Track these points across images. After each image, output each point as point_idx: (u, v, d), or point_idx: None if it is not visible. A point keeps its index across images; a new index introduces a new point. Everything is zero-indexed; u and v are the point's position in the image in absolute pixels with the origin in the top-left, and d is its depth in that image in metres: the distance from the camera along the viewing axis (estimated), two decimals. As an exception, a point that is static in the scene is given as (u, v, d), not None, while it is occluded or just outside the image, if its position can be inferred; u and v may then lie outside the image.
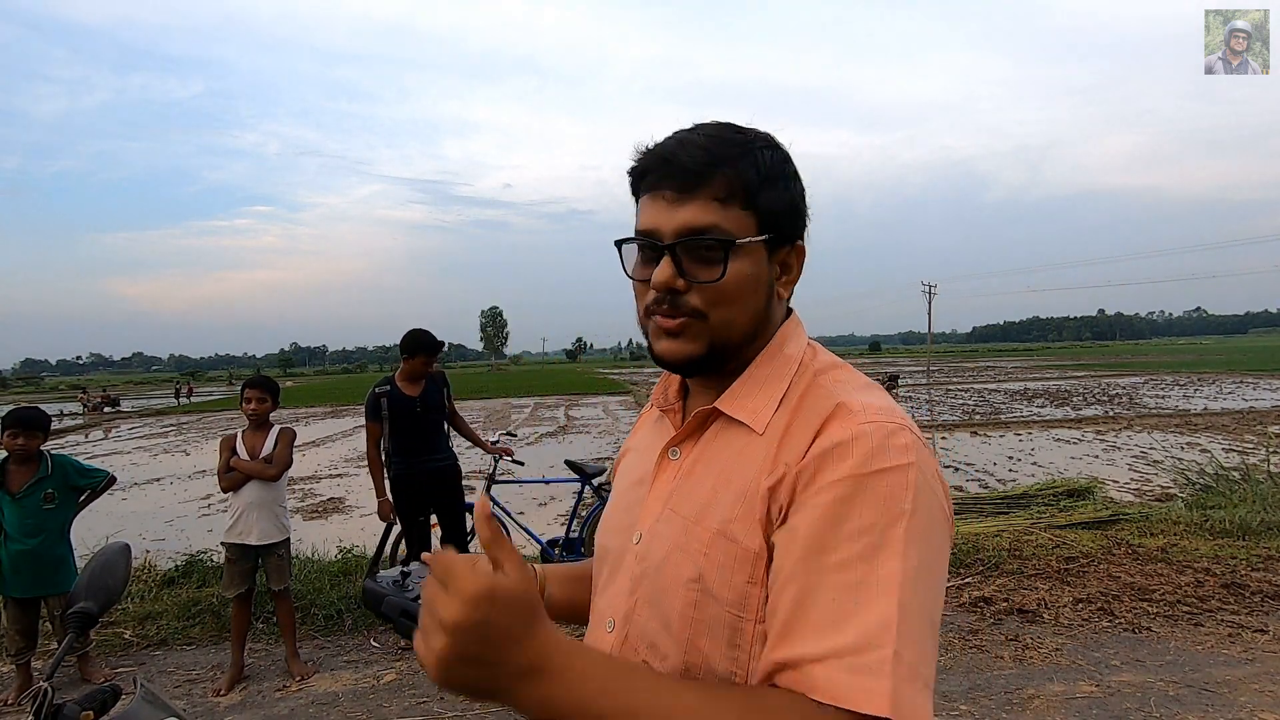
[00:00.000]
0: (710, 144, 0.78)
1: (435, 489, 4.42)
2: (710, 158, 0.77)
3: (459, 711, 3.43)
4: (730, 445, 0.80)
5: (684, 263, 0.78)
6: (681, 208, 0.77)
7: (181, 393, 51.85)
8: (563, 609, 1.00)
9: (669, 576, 0.78)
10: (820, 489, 0.69)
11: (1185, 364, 45.16)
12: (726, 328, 0.79)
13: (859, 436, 0.71)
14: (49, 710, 1.00)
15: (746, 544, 0.73)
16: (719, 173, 0.77)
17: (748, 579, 0.73)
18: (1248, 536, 5.41)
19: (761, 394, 0.81)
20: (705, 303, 0.78)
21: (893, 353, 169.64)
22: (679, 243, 0.77)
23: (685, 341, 0.80)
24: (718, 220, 0.77)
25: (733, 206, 0.77)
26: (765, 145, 0.80)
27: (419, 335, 4.35)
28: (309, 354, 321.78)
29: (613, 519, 0.92)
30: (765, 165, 0.78)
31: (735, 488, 0.76)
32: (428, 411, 4.38)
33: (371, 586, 0.87)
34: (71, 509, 3.86)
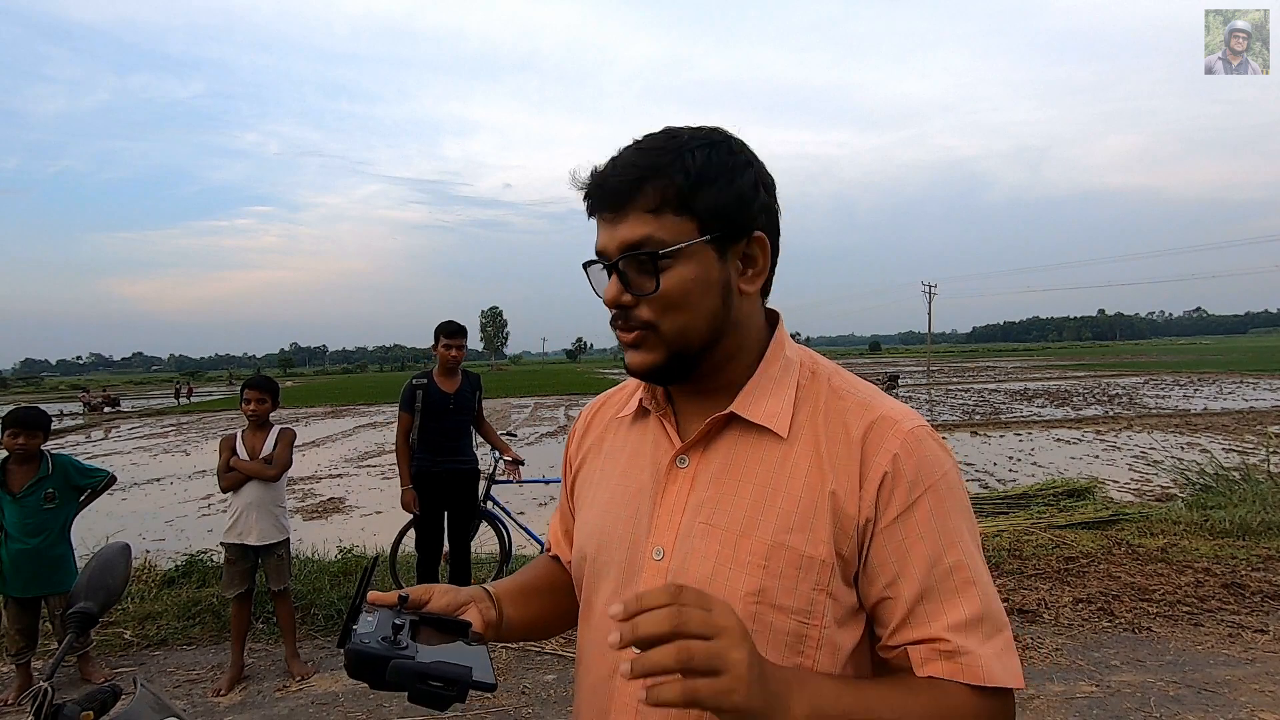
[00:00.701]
0: (638, 158, 0.79)
1: (453, 490, 4.44)
2: (637, 172, 0.78)
3: (459, 711, 3.43)
4: (762, 455, 0.81)
5: (629, 278, 0.80)
6: (618, 226, 0.80)
7: (181, 393, 51.86)
8: (520, 630, 0.95)
9: (719, 592, 0.77)
10: (914, 501, 0.77)
11: (1185, 364, 45.16)
12: (681, 334, 0.80)
13: (912, 446, 0.79)
14: (49, 710, 1.00)
15: (811, 553, 0.77)
16: (646, 185, 0.78)
17: (813, 586, 0.77)
18: (1248, 536, 5.41)
19: (775, 398, 0.83)
20: (654, 313, 0.80)
21: (893, 353, 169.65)
22: (618, 260, 0.80)
23: (645, 352, 0.82)
24: (650, 231, 0.78)
25: (665, 214, 0.78)
26: (701, 145, 0.79)
27: (441, 323, 4.45)
28: (309, 354, 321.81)
29: (609, 529, 0.89)
30: (696, 167, 0.78)
31: (785, 499, 0.79)
32: (459, 410, 4.40)
33: (362, 650, 0.72)
34: (72, 509, 3.86)
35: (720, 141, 0.81)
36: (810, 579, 0.76)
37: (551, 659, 3.96)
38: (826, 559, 0.76)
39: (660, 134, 0.82)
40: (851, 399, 0.82)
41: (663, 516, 0.84)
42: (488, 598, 0.91)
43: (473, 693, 0.75)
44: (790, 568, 0.76)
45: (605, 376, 55.74)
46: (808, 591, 0.76)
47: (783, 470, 0.80)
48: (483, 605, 0.89)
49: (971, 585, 0.76)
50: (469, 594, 0.89)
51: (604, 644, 0.85)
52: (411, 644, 0.75)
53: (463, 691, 0.73)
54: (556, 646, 4.10)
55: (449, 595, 0.87)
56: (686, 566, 0.80)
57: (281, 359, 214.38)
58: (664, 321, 0.80)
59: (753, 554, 0.77)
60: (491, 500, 5.32)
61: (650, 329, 0.81)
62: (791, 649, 0.76)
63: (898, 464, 0.77)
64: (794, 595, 0.76)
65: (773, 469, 0.80)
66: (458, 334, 4.43)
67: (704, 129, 0.82)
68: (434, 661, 0.73)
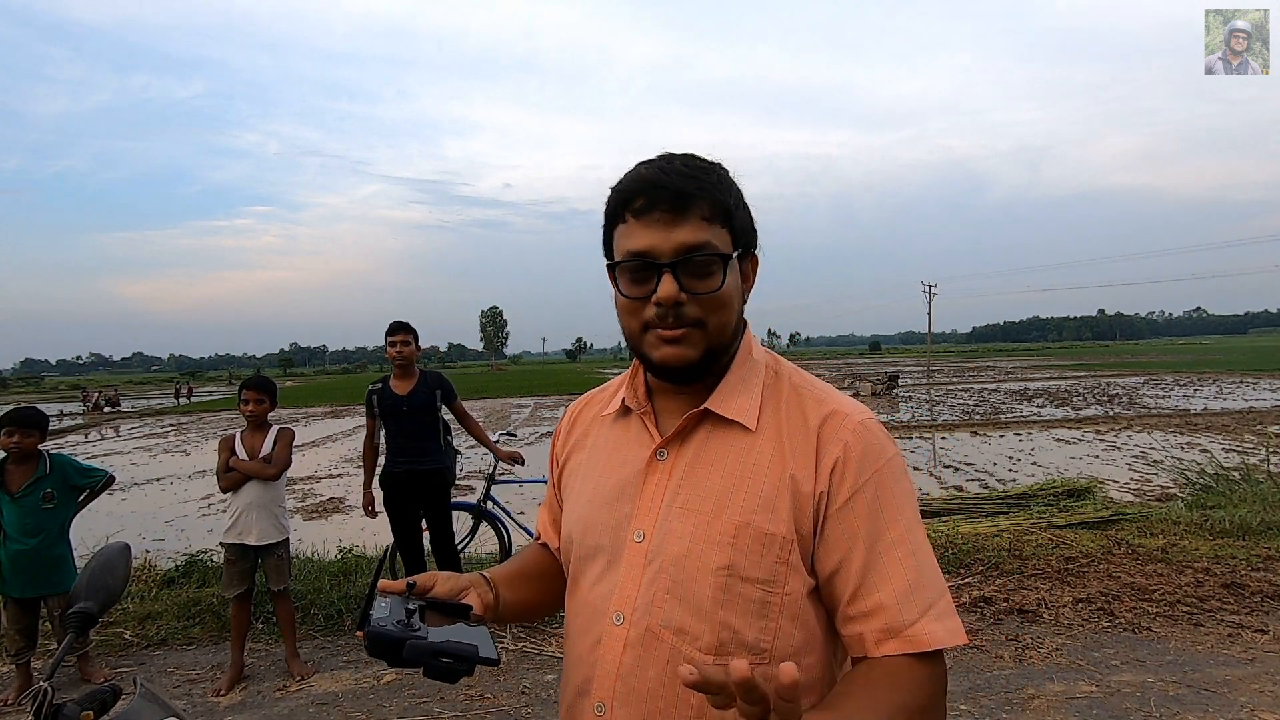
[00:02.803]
0: (692, 170, 0.88)
1: (419, 492, 4.43)
2: (696, 183, 0.88)
3: (458, 711, 3.43)
4: (731, 445, 0.91)
5: (682, 278, 0.87)
6: (676, 229, 0.87)
7: (181, 393, 51.86)
8: (517, 611, 1.04)
9: (694, 567, 0.88)
10: (862, 486, 0.87)
11: (1185, 364, 45.16)
12: (720, 332, 0.91)
13: (861, 435, 0.89)
14: (49, 710, 1.00)
15: (773, 530, 0.87)
16: (704, 196, 0.88)
17: (775, 560, 0.87)
18: (1248, 536, 5.40)
19: (745, 395, 0.93)
20: (703, 311, 0.89)
21: (893, 353, 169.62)
22: (680, 260, 0.87)
23: (686, 347, 0.89)
24: (708, 238, 0.88)
25: (716, 225, 0.89)
26: (721, 171, 0.92)
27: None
28: (309, 354, 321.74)
29: (594, 516, 0.98)
30: (734, 191, 0.92)
31: (751, 483, 0.89)
32: (415, 412, 4.39)
33: (380, 632, 0.80)
34: (71, 509, 3.86)
35: (726, 171, 0.93)
36: (773, 553, 0.86)
37: (551, 659, 3.96)
38: (787, 536, 0.87)
39: (693, 156, 0.91)
40: (809, 395, 0.94)
41: (643, 504, 0.93)
42: (485, 583, 1.00)
43: (474, 693, 0.79)
44: (756, 544, 0.87)
45: (605, 376, 55.70)
46: (771, 564, 0.86)
47: (749, 458, 0.90)
48: (481, 590, 0.98)
49: (911, 557, 0.86)
50: (468, 580, 0.98)
51: (589, 619, 0.95)
52: (423, 626, 0.83)
53: (471, 666, 0.82)
54: (557, 648, 4.11)
55: (451, 581, 0.96)
56: (664, 546, 0.90)
57: (281, 359, 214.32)
58: (711, 320, 0.89)
59: (723, 533, 0.87)
60: (491, 500, 5.31)
61: (698, 326, 0.89)
62: (758, 614, 0.87)
63: (848, 451, 0.88)
64: (759, 568, 0.86)
65: (741, 457, 0.90)
66: (398, 330, 4.41)
67: (710, 160, 0.93)
68: (445, 641, 0.81)
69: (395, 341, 4.40)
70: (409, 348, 4.43)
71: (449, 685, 3.69)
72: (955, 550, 5.18)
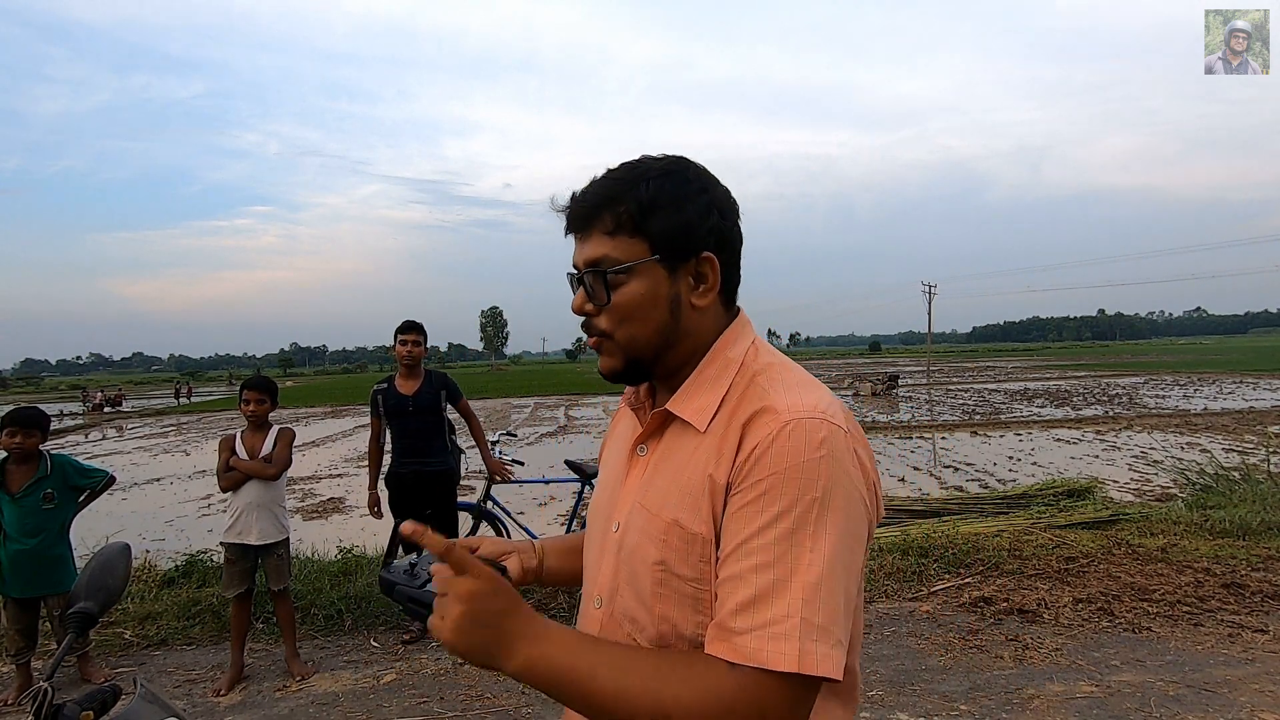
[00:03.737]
0: (602, 186, 0.91)
1: (425, 492, 4.42)
2: (598, 199, 0.91)
3: (459, 711, 3.43)
4: (685, 445, 0.91)
5: (590, 291, 0.92)
6: (584, 245, 0.92)
7: (181, 393, 51.85)
8: (560, 577, 1.15)
9: (639, 560, 0.90)
10: (749, 486, 0.82)
11: (1185, 364, 45.17)
12: (632, 342, 0.92)
13: (778, 436, 0.82)
14: (49, 710, 1.00)
15: (695, 530, 0.86)
16: (605, 210, 0.90)
17: (700, 558, 0.85)
18: (1248, 536, 5.40)
19: (704, 396, 0.92)
20: (610, 323, 0.92)
21: (893, 353, 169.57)
22: (582, 274, 0.92)
23: (606, 357, 0.95)
24: (607, 251, 0.90)
25: (620, 236, 0.90)
26: (656, 175, 0.91)
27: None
28: (309, 354, 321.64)
29: (598, 506, 1.04)
30: (649, 195, 0.89)
31: (683, 482, 0.88)
32: (420, 412, 4.38)
33: (385, 576, 0.96)
34: (71, 509, 3.86)
35: (676, 171, 0.92)
36: (697, 553, 0.85)
37: (551, 659, 3.96)
38: (708, 536, 0.85)
39: (626, 164, 0.93)
40: (757, 391, 0.88)
41: (623, 496, 0.97)
42: (533, 549, 1.12)
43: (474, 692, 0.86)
44: (682, 543, 0.86)
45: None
46: (696, 563, 0.85)
47: (693, 458, 0.89)
48: (525, 555, 1.10)
49: (767, 570, 0.78)
50: (515, 545, 1.11)
51: (585, 598, 1.00)
52: (424, 575, 0.93)
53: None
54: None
55: (496, 545, 1.09)
56: (625, 538, 0.93)
57: (281, 359, 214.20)
58: (618, 331, 0.92)
59: (658, 530, 0.88)
60: (491, 500, 5.32)
61: (607, 337, 0.93)
62: (694, 609, 0.86)
63: (757, 450, 0.82)
64: (687, 565, 0.86)
65: (687, 457, 0.90)
66: (409, 330, 4.41)
67: (666, 159, 0.93)
68: (424, 591, 0.91)
69: (407, 341, 4.40)
70: (419, 348, 4.43)
71: (449, 685, 3.69)
72: (955, 550, 5.18)
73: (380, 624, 4.57)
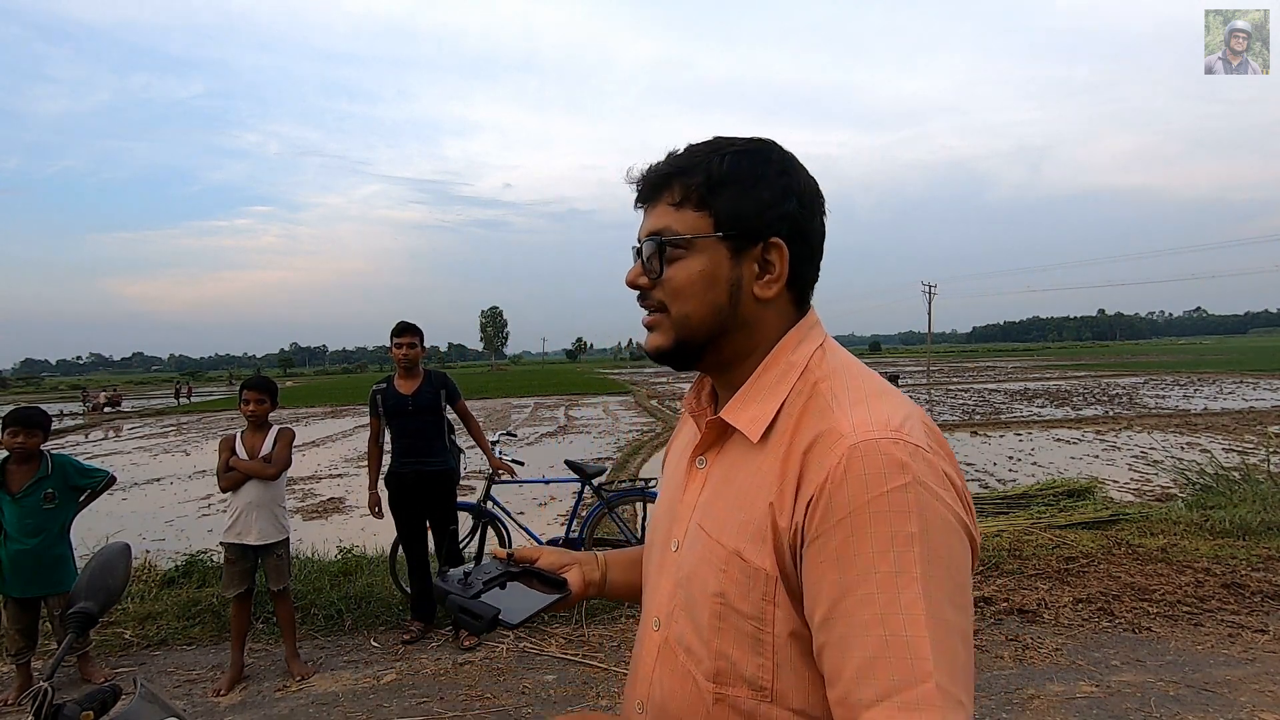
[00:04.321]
0: (675, 158, 0.87)
1: (425, 492, 4.42)
2: (669, 169, 0.86)
3: (458, 711, 3.43)
4: (746, 463, 0.83)
5: (646, 262, 0.87)
6: (648, 216, 0.88)
7: (181, 393, 51.85)
8: (623, 591, 1.09)
9: (698, 588, 0.84)
10: (830, 530, 0.72)
11: (1185, 364, 45.16)
12: (685, 321, 0.86)
13: (850, 465, 0.72)
14: (49, 710, 1.00)
15: (758, 564, 0.78)
16: (674, 181, 0.85)
17: (762, 596, 0.77)
18: (1248, 536, 5.41)
19: (761, 403, 0.84)
20: (665, 297, 0.86)
21: (893, 353, 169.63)
22: (641, 244, 0.88)
23: (657, 335, 0.88)
24: (669, 223, 0.85)
25: (685, 209, 0.85)
26: (733, 152, 0.85)
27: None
28: (309, 354, 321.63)
29: (658, 518, 0.99)
30: (721, 170, 0.84)
31: (746, 510, 0.80)
32: (419, 412, 4.39)
33: (440, 585, 0.96)
34: (72, 509, 3.86)
35: (758, 151, 0.86)
36: (759, 589, 0.77)
37: (551, 659, 3.96)
38: (771, 572, 0.77)
39: (707, 140, 0.88)
40: (820, 405, 0.79)
41: (681, 512, 0.91)
42: (595, 561, 1.08)
43: (474, 692, 0.85)
44: (743, 576, 0.79)
45: (605, 376, 55.74)
46: (757, 601, 0.78)
47: (755, 479, 0.81)
48: (587, 567, 1.06)
49: (879, 624, 0.67)
50: (575, 557, 1.06)
51: (644, 617, 0.95)
52: (477, 585, 0.94)
53: (488, 625, 0.90)
54: (557, 648, 4.11)
55: (556, 556, 1.04)
56: (684, 561, 0.88)
57: (281, 359, 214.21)
58: (673, 306, 0.86)
59: (719, 558, 0.81)
60: (491, 500, 5.31)
61: (662, 311, 0.87)
62: (753, 649, 0.78)
63: (828, 485, 0.72)
64: (747, 601, 0.78)
65: (750, 476, 0.82)
66: (404, 332, 4.40)
67: (752, 139, 0.88)
68: (474, 599, 0.92)
69: (402, 344, 4.40)
70: (415, 349, 4.43)
71: (449, 685, 3.69)
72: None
73: (380, 624, 4.57)
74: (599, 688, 3.63)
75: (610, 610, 4.53)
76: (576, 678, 3.75)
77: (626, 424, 19.57)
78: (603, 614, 4.50)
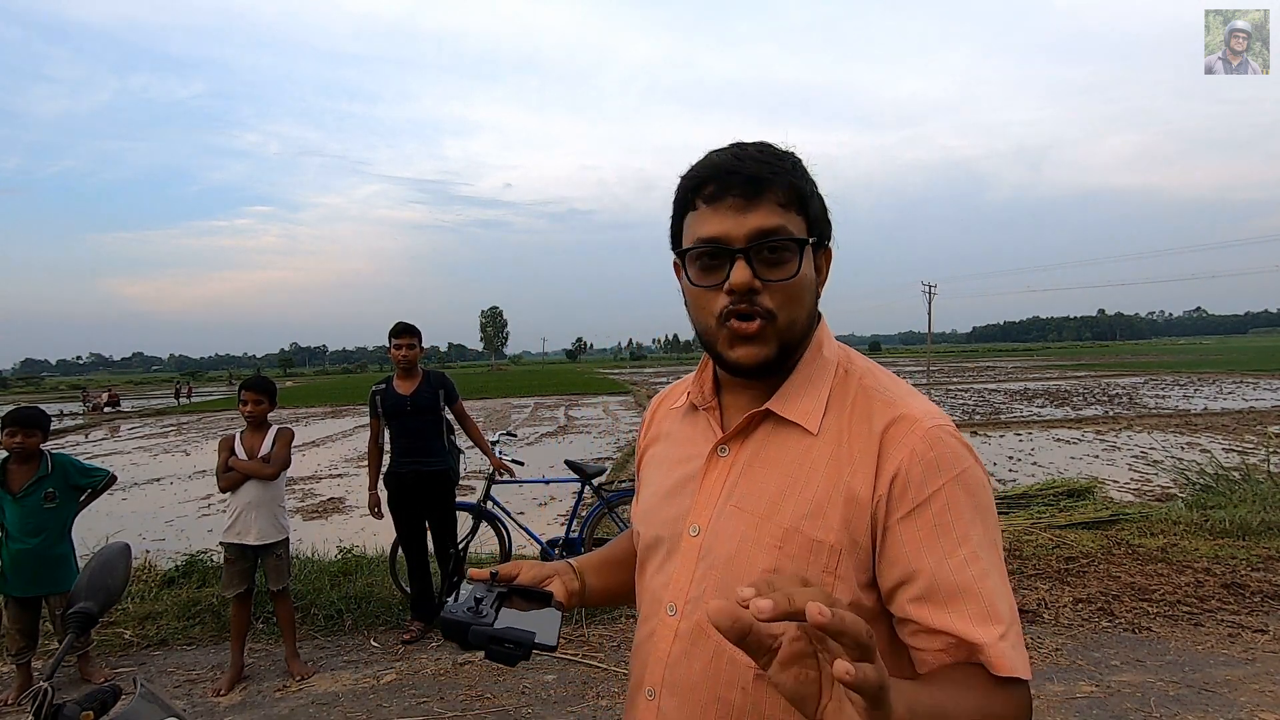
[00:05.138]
0: (766, 157, 0.85)
1: (424, 492, 4.43)
2: (770, 168, 0.84)
3: (458, 711, 3.43)
4: (790, 447, 0.88)
5: (756, 265, 0.84)
6: (750, 213, 0.83)
7: (181, 393, 51.84)
8: (601, 596, 1.09)
9: (741, 567, 0.86)
10: (927, 499, 0.80)
11: (1185, 364, 45.15)
12: (791, 327, 0.86)
13: (933, 443, 0.82)
14: (49, 710, 1.00)
15: (821, 538, 0.82)
16: (779, 180, 0.84)
17: (822, 569, 0.82)
18: (1248, 536, 5.41)
19: (809, 397, 0.89)
20: (776, 303, 0.85)
21: (893, 353, 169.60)
22: (752, 245, 0.83)
23: (760, 345, 0.86)
24: (784, 222, 0.84)
25: (791, 211, 0.85)
26: (794, 158, 0.88)
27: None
28: (309, 354, 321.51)
29: (659, 509, 0.98)
30: (804, 177, 0.88)
31: (806, 489, 0.84)
32: (419, 412, 4.39)
33: (450, 618, 0.90)
34: (72, 508, 3.86)
35: (799, 159, 0.89)
36: (820, 562, 0.82)
37: (552, 660, 3.96)
38: (835, 545, 0.82)
39: (765, 144, 0.88)
40: (878, 397, 0.87)
41: (702, 498, 0.92)
42: (571, 570, 1.06)
43: (474, 693, 0.81)
44: (803, 550, 0.83)
45: (605, 376, 55.74)
46: (817, 574, 0.82)
47: (806, 462, 0.86)
48: (566, 577, 1.04)
49: (985, 578, 0.78)
50: (553, 568, 1.04)
51: (649, 608, 0.96)
52: (490, 612, 0.90)
53: (527, 651, 0.88)
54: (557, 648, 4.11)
55: (535, 569, 1.02)
56: (715, 544, 0.89)
57: (281, 359, 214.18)
58: (783, 312, 0.85)
59: (772, 536, 0.84)
60: (491, 500, 5.31)
61: (770, 319, 0.85)
62: None
63: (912, 460, 0.81)
64: (806, 575, 0.79)
65: (798, 460, 0.86)
66: (403, 333, 4.41)
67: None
68: (505, 627, 0.88)
69: (401, 345, 4.40)
70: (414, 350, 4.43)
71: (449, 685, 3.70)
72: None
73: (380, 624, 4.57)
74: (599, 688, 3.63)
75: (610, 610, 4.53)
76: (576, 678, 3.75)
77: (626, 424, 19.57)
78: (603, 614, 4.50)
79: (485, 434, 5.01)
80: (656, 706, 0.92)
